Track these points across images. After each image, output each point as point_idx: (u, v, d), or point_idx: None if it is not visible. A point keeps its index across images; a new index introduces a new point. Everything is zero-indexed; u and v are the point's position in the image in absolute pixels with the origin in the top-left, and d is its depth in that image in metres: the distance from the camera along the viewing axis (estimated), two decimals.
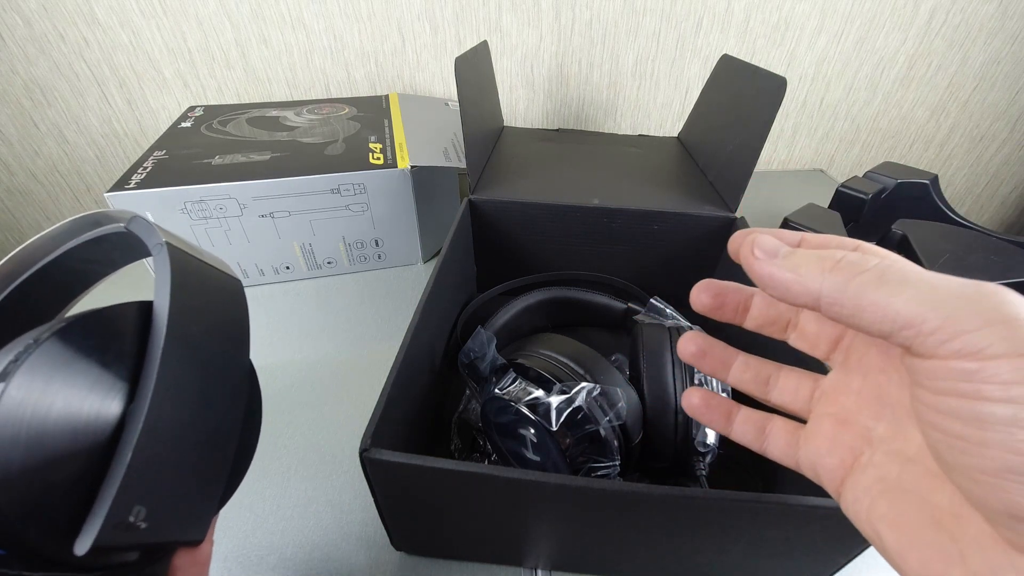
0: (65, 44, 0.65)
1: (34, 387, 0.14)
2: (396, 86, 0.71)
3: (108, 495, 0.14)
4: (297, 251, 0.53)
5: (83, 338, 0.15)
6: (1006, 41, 0.73)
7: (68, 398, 0.14)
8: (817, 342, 0.20)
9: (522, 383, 0.31)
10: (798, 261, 0.15)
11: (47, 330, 0.14)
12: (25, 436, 0.13)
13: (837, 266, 0.15)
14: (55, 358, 0.14)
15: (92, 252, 0.20)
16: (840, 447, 0.18)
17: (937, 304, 0.13)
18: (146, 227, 0.18)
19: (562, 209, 0.45)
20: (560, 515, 0.26)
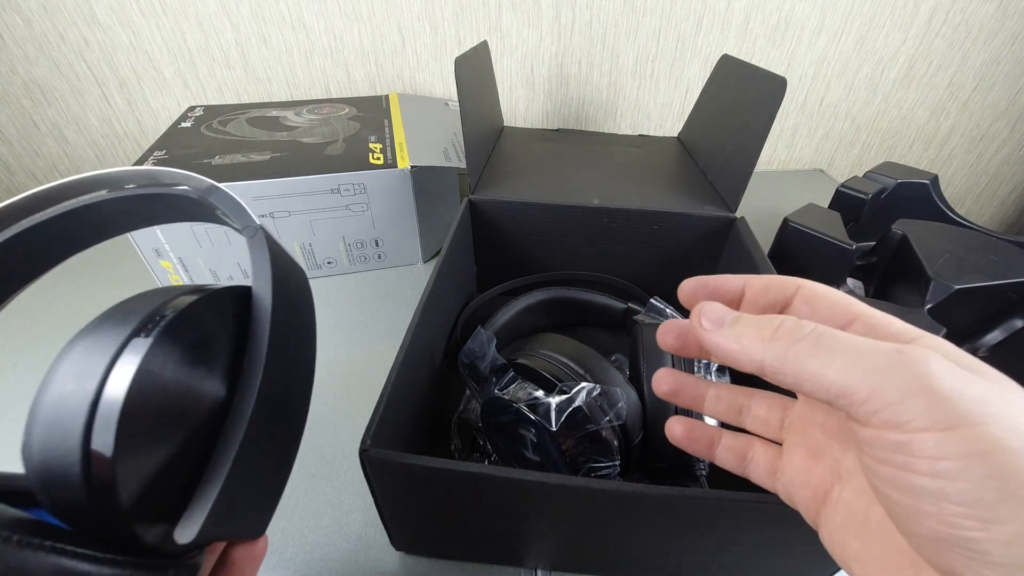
0: (65, 44, 0.65)
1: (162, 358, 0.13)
2: (396, 86, 0.71)
3: (214, 486, 0.13)
4: (297, 251, 0.53)
5: (201, 319, 0.14)
6: (1006, 41, 0.73)
7: (182, 378, 0.14)
8: None
9: (522, 383, 0.31)
10: (741, 331, 0.16)
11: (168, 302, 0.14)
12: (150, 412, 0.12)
13: (775, 335, 0.15)
14: (179, 333, 0.13)
15: (135, 205, 0.19)
16: (812, 479, 0.18)
17: (866, 374, 0.13)
18: (234, 204, 0.17)
19: (562, 209, 0.45)
20: (560, 515, 0.26)
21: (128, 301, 0.14)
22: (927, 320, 0.37)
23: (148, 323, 0.13)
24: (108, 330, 0.12)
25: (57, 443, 0.12)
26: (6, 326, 0.49)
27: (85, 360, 0.12)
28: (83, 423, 0.11)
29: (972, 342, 0.41)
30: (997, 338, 0.40)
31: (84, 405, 0.11)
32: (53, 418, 0.12)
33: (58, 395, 0.12)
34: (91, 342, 0.12)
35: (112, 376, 0.12)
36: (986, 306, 0.40)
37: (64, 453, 0.11)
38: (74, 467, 0.11)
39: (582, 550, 0.30)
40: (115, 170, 0.19)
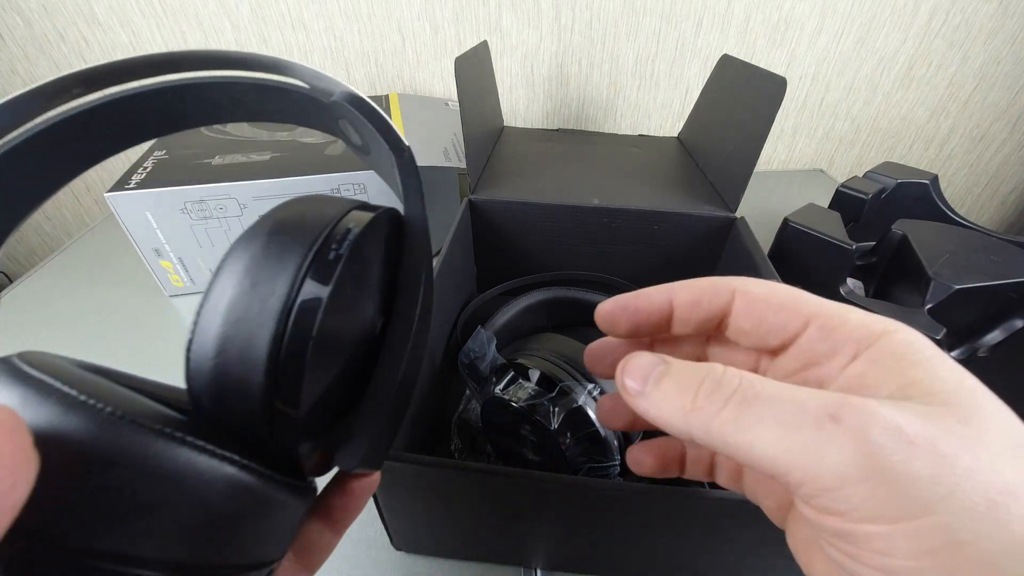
0: (65, 44, 0.65)
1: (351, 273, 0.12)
2: (396, 86, 0.71)
3: (378, 413, 0.13)
4: None
5: (379, 237, 0.13)
6: (1006, 41, 0.73)
7: (357, 298, 0.13)
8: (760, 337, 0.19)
9: (522, 383, 0.31)
10: (662, 396, 0.14)
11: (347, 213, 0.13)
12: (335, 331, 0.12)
13: (695, 404, 0.13)
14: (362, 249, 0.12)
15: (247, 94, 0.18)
16: (774, 491, 0.17)
17: (796, 453, 0.11)
18: (380, 120, 0.16)
19: (562, 209, 0.45)
20: (560, 515, 0.26)
21: (296, 205, 0.13)
22: (927, 320, 0.37)
23: (337, 234, 0.12)
24: (292, 235, 0.12)
25: (240, 348, 0.11)
26: (6, 325, 0.49)
27: (273, 262, 0.11)
28: (272, 332, 0.11)
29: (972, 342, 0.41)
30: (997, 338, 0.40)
31: (274, 314, 0.11)
32: (239, 319, 0.11)
33: (243, 296, 0.11)
34: (274, 245, 0.11)
35: (306, 286, 0.11)
36: (986, 306, 0.40)
37: (248, 360, 0.11)
38: (257, 377, 0.11)
39: (582, 550, 0.30)
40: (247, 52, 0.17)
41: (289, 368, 0.11)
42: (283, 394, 0.11)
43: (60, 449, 0.09)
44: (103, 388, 0.11)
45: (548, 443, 0.29)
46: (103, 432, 0.10)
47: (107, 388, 0.11)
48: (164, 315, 0.50)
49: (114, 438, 0.10)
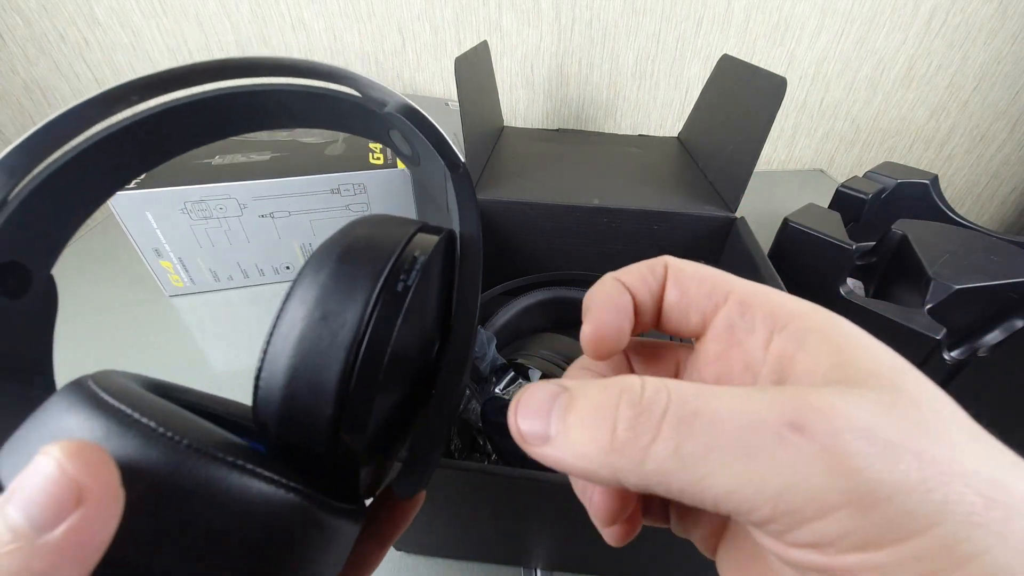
0: (65, 44, 0.65)
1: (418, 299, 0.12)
2: (396, 86, 0.71)
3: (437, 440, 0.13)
4: (297, 251, 0.53)
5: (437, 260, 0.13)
6: (1006, 41, 0.73)
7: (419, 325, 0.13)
8: None
9: (522, 383, 0.31)
10: (572, 439, 0.11)
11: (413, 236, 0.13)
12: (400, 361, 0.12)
13: (615, 439, 0.10)
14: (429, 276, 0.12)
15: (298, 103, 0.18)
16: (706, 520, 0.15)
17: (760, 483, 0.09)
18: (433, 132, 0.16)
19: (562, 209, 0.45)
20: (560, 515, 0.26)
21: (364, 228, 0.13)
22: (927, 320, 0.37)
23: (404, 263, 0.12)
24: (361, 263, 0.12)
25: (310, 380, 0.11)
26: None
27: (343, 294, 0.11)
28: (343, 365, 0.11)
29: (972, 342, 0.41)
30: (997, 338, 0.40)
31: (344, 347, 0.11)
32: (309, 350, 0.11)
33: (314, 328, 0.11)
34: (344, 274, 0.11)
35: (376, 319, 0.11)
36: (986, 306, 0.40)
37: (318, 391, 0.11)
38: (326, 409, 0.11)
39: (582, 550, 0.30)
40: (300, 59, 0.18)
41: (357, 401, 0.11)
42: (350, 426, 0.11)
43: (143, 482, 0.10)
44: (177, 417, 0.11)
45: None
46: (182, 465, 0.10)
47: (180, 417, 0.11)
48: (164, 315, 0.50)
49: (192, 471, 0.10)
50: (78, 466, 0.08)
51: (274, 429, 0.11)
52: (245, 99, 0.17)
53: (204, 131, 0.18)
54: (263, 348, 0.11)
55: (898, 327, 0.38)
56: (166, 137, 0.17)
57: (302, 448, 0.11)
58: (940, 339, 0.36)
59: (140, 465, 0.10)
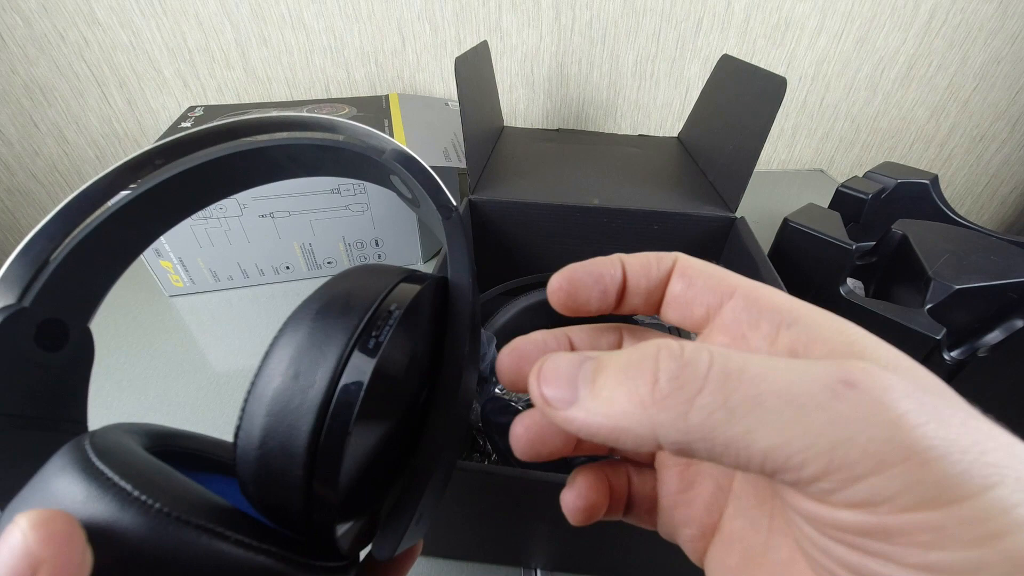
0: (65, 44, 0.65)
1: (394, 354, 0.12)
2: (396, 86, 0.71)
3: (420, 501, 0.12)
4: (297, 251, 0.53)
5: (421, 311, 0.13)
6: (1006, 41, 0.73)
7: (402, 371, 0.13)
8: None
9: None
10: (605, 398, 0.11)
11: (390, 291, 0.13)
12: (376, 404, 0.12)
13: (657, 393, 0.10)
14: (406, 328, 0.12)
15: (304, 154, 0.19)
16: (693, 512, 0.15)
17: (812, 437, 0.09)
18: (427, 176, 0.16)
19: (562, 209, 0.45)
20: (560, 515, 0.26)
21: (345, 282, 0.13)
22: (927, 320, 0.37)
23: (379, 318, 0.12)
24: (335, 320, 0.12)
25: (281, 439, 0.11)
26: None
27: (315, 352, 0.11)
28: (311, 425, 0.11)
29: (972, 342, 0.41)
30: (997, 338, 0.40)
31: (314, 407, 0.11)
32: (280, 411, 0.11)
33: (286, 388, 0.11)
34: (318, 331, 0.12)
35: (345, 376, 0.11)
36: (986, 306, 0.40)
37: (288, 451, 0.11)
38: (296, 468, 0.11)
39: (582, 550, 0.30)
40: (302, 115, 0.19)
41: (329, 459, 0.11)
42: (324, 483, 0.11)
43: (112, 548, 0.10)
44: (158, 479, 0.11)
45: None
46: (152, 530, 0.10)
47: (162, 478, 0.11)
48: (164, 315, 0.50)
49: (161, 537, 0.10)
50: (39, 538, 0.09)
51: (252, 488, 0.12)
52: (259, 155, 0.19)
53: (224, 186, 0.19)
54: (241, 406, 0.11)
55: (898, 327, 0.38)
56: (190, 195, 0.18)
57: (280, 506, 0.12)
58: (940, 339, 0.36)
59: (113, 530, 0.10)
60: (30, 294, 0.15)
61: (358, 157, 0.18)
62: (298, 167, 0.19)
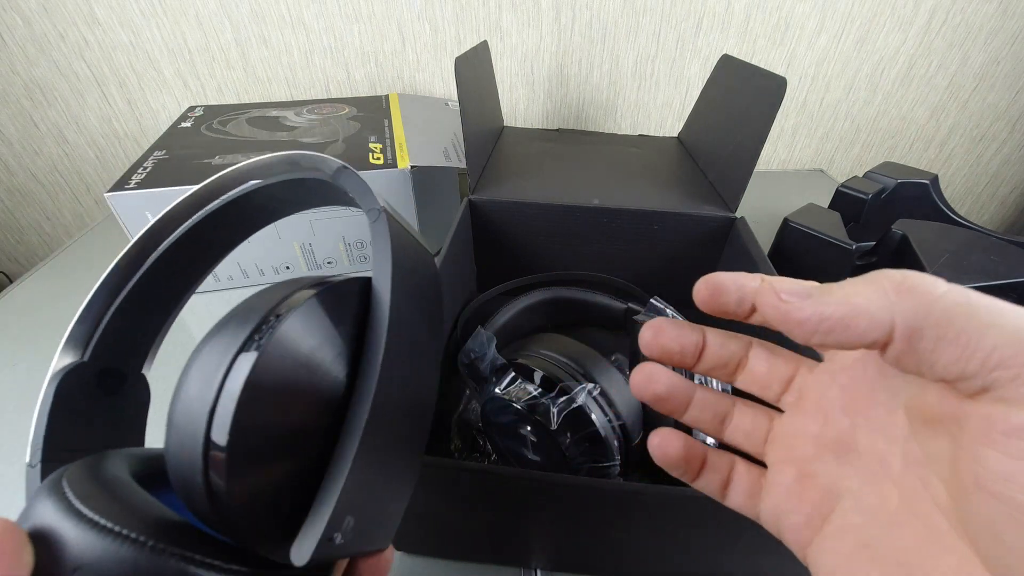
0: (65, 44, 0.65)
1: (278, 361, 0.12)
2: (396, 86, 0.71)
3: (330, 500, 0.13)
4: (297, 251, 0.53)
5: (319, 315, 0.14)
6: (1006, 41, 0.73)
7: (302, 378, 0.13)
8: (768, 383, 0.17)
9: (522, 383, 0.31)
10: (851, 291, 0.12)
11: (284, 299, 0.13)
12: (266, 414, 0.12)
13: (904, 288, 0.12)
14: (296, 333, 0.13)
15: (282, 192, 0.20)
16: (805, 503, 0.15)
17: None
18: (358, 184, 0.17)
19: (562, 209, 0.45)
20: (560, 515, 0.26)
21: (251, 298, 0.14)
22: None
23: (263, 326, 0.13)
24: (227, 334, 0.13)
25: (184, 449, 0.12)
26: (6, 325, 0.49)
27: (206, 366, 0.12)
28: (203, 432, 0.12)
29: None
30: None
31: (203, 415, 0.12)
32: (181, 424, 0.12)
33: (185, 402, 0.12)
34: (212, 348, 0.12)
35: (227, 385, 0.12)
36: None
37: (189, 459, 0.12)
38: (197, 475, 0.12)
39: (582, 550, 0.30)
40: (264, 158, 0.19)
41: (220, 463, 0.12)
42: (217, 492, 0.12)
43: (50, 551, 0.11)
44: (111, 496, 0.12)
45: (548, 443, 0.29)
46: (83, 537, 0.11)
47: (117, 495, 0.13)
48: None
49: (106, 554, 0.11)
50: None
51: (182, 499, 0.12)
52: (250, 200, 0.20)
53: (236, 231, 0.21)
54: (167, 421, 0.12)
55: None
56: (207, 246, 0.21)
57: (202, 513, 0.12)
58: None
59: (53, 537, 0.11)
60: (89, 350, 0.18)
61: (320, 184, 0.18)
62: (286, 205, 0.21)
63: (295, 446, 0.13)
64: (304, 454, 0.14)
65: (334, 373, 0.14)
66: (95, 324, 0.19)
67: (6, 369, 0.44)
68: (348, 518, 0.13)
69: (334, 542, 0.13)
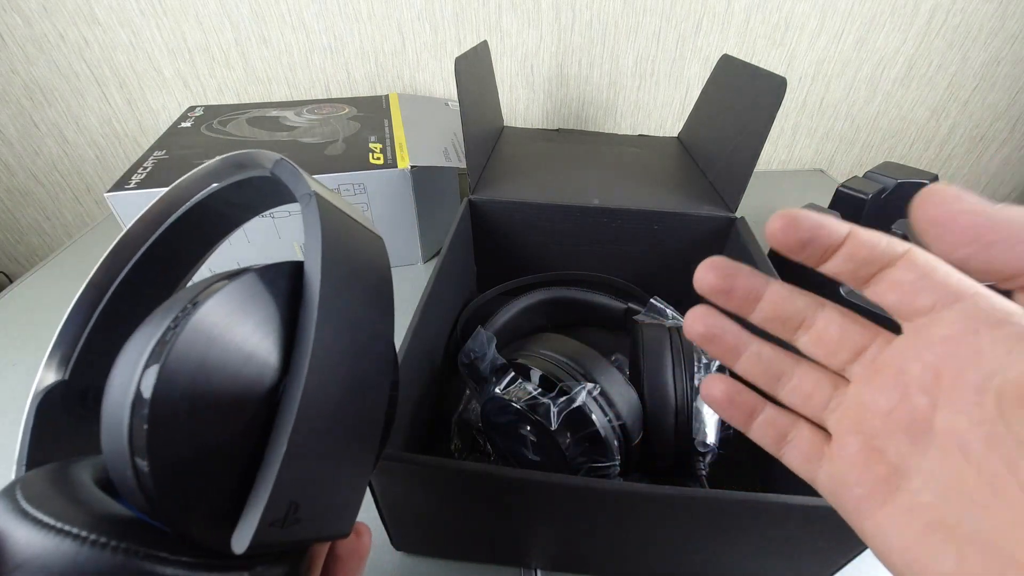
0: (65, 44, 0.65)
1: (194, 350, 0.12)
2: (396, 86, 0.71)
3: (265, 486, 0.13)
4: (297, 251, 0.53)
5: (241, 301, 0.14)
6: (1006, 41, 0.73)
7: (226, 365, 0.13)
8: (836, 349, 0.17)
9: (522, 383, 0.31)
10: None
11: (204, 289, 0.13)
12: (186, 404, 0.12)
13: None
14: (215, 321, 0.13)
15: (235, 195, 0.19)
16: (870, 476, 0.15)
17: None
18: (292, 173, 0.17)
19: (562, 209, 0.45)
20: (560, 515, 0.26)
21: (185, 290, 0.14)
22: None
23: (179, 315, 0.13)
24: (148, 327, 0.13)
25: (112, 443, 0.12)
26: (6, 325, 0.49)
27: (127, 359, 0.12)
28: (126, 425, 0.12)
29: None
30: None
31: (125, 407, 0.12)
32: (107, 418, 0.12)
33: (109, 397, 0.12)
34: (133, 340, 0.13)
35: (146, 374, 0.12)
36: None
37: (117, 453, 0.12)
38: (125, 467, 0.12)
39: (582, 550, 0.30)
40: (209, 163, 0.19)
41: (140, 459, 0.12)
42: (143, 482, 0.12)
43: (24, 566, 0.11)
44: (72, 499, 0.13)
45: (548, 443, 0.29)
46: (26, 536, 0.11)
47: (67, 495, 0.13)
48: None
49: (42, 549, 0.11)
50: None
51: (126, 497, 0.13)
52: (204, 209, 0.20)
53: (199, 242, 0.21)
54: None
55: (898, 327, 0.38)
56: (175, 258, 0.21)
57: (141, 505, 0.12)
58: None
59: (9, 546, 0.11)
60: (69, 368, 0.18)
61: (269, 182, 0.18)
62: (246, 209, 0.21)
63: (225, 435, 0.13)
64: (239, 444, 0.14)
65: (266, 359, 0.14)
66: (73, 343, 0.19)
67: (6, 369, 0.44)
68: (292, 503, 0.13)
69: (277, 528, 0.13)
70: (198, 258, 0.21)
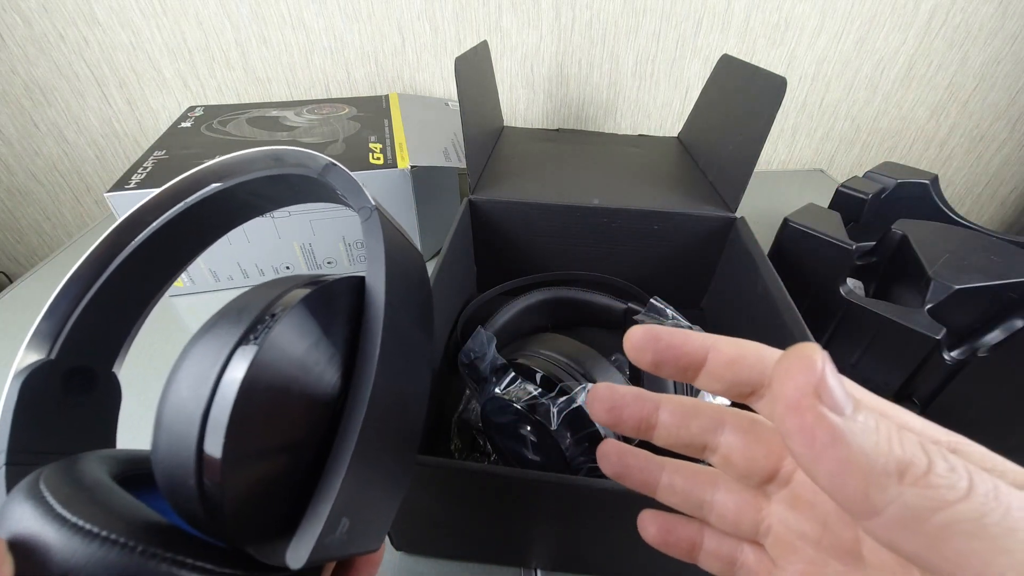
0: (65, 44, 0.65)
1: (272, 364, 0.12)
2: (396, 86, 0.71)
3: (326, 502, 0.12)
4: (297, 251, 0.53)
5: (312, 314, 0.13)
6: (1006, 41, 0.73)
7: (296, 379, 0.13)
8: (746, 472, 0.16)
9: (522, 383, 0.31)
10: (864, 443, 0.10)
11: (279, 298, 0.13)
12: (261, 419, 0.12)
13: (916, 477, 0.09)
14: (291, 337, 0.13)
15: (265, 187, 0.19)
16: None
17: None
18: (348, 181, 0.16)
19: (562, 209, 0.45)
20: (560, 515, 0.26)
21: (244, 295, 0.13)
22: (927, 320, 0.37)
23: (258, 324, 0.12)
24: (221, 332, 0.12)
25: (175, 452, 0.11)
26: (6, 325, 0.49)
27: (200, 364, 0.12)
28: (196, 434, 0.11)
29: (972, 342, 0.41)
30: (997, 338, 0.40)
31: (197, 414, 0.11)
32: (171, 426, 0.12)
33: (176, 401, 0.12)
34: (205, 345, 0.12)
35: (222, 384, 0.11)
36: (986, 306, 0.40)
37: (181, 463, 0.11)
38: (190, 478, 0.11)
39: (582, 550, 0.30)
40: (244, 153, 0.19)
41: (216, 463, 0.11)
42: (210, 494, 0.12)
43: (32, 558, 0.11)
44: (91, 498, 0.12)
45: (548, 443, 0.29)
46: (66, 542, 0.11)
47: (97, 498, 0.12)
48: (164, 315, 0.50)
49: (75, 548, 0.11)
50: None
51: (170, 501, 0.12)
52: (229, 195, 0.19)
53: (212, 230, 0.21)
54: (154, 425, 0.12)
55: (898, 327, 0.38)
56: (184, 242, 0.20)
57: (193, 515, 0.12)
58: (940, 339, 0.36)
59: (35, 543, 0.11)
60: (56, 347, 0.17)
61: (305, 181, 0.18)
62: (266, 201, 0.20)
63: (289, 447, 0.13)
64: (298, 455, 0.13)
65: (328, 374, 0.14)
66: (63, 321, 0.18)
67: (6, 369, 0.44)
68: (344, 519, 0.13)
69: (329, 544, 0.13)
70: (207, 243, 0.21)
